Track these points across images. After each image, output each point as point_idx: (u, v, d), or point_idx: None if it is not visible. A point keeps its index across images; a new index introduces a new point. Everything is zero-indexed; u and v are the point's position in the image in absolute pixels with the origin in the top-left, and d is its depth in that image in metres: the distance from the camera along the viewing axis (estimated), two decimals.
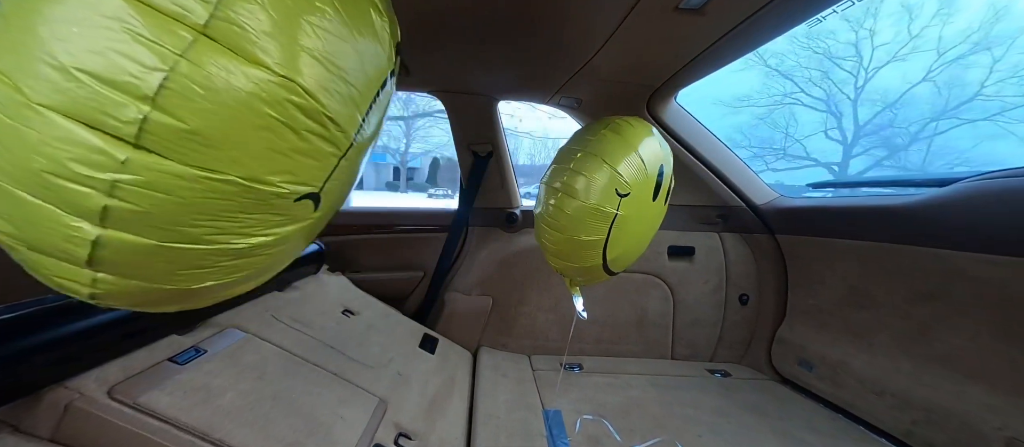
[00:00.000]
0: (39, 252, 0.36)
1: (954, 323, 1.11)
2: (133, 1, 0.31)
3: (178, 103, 0.33)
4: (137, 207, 0.35)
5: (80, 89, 0.31)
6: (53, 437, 0.60)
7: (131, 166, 0.33)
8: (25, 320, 0.62)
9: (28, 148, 0.31)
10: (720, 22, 0.97)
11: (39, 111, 0.31)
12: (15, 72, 0.30)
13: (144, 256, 0.38)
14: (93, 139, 0.32)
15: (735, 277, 1.76)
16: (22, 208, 0.33)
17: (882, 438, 1.22)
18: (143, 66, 0.32)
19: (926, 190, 1.16)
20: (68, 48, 0.30)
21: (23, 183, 0.32)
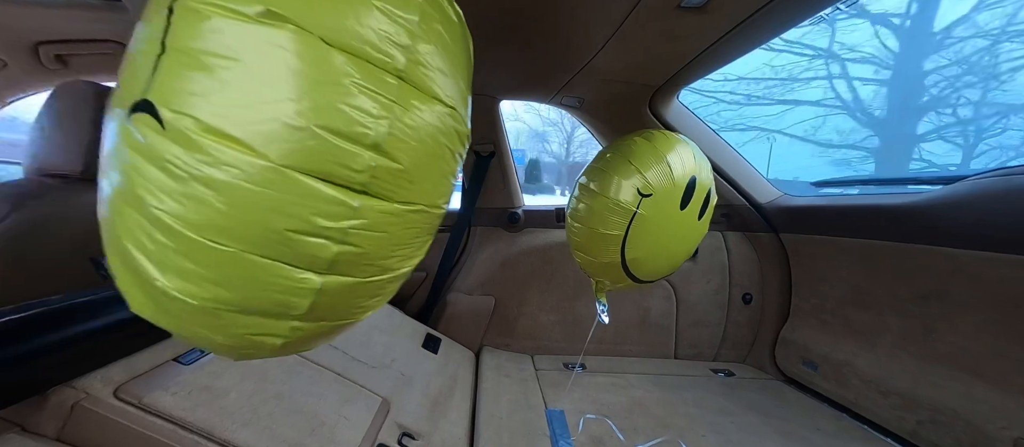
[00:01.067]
0: (248, 313, 0.36)
1: (960, 322, 1.10)
2: (350, 55, 0.33)
3: (396, 146, 0.36)
4: (359, 249, 0.37)
5: (320, 145, 0.32)
6: (59, 436, 0.60)
7: (361, 211, 0.35)
8: (31, 321, 0.62)
9: (272, 210, 0.32)
10: (722, 19, 0.97)
11: (283, 172, 0.32)
12: (255, 139, 0.31)
13: (346, 296, 0.40)
14: (330, 191, 0.34)
15: (738, 276, 1.76)
16: (249, 271, 0.34)
17: (887, 438, 1.21)
18: (371, 116, 0.34)
19: (930, 188, 1.15)
20: (303, 107, 0.31)
21: (259, 245, 0.33)
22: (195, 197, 0.31)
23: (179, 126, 0.31)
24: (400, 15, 0.35)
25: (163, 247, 0.33)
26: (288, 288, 0.36)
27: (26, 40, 1.33)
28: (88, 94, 0.99)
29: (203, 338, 0.39)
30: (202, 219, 0.32)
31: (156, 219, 0.32)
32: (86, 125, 0.99)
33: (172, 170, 0.31)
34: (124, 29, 1.27)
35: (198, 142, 0.31)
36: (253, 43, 0.31)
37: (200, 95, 0.31)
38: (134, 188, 0.33)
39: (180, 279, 0.34)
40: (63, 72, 1.47)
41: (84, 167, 0.99)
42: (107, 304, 0.73)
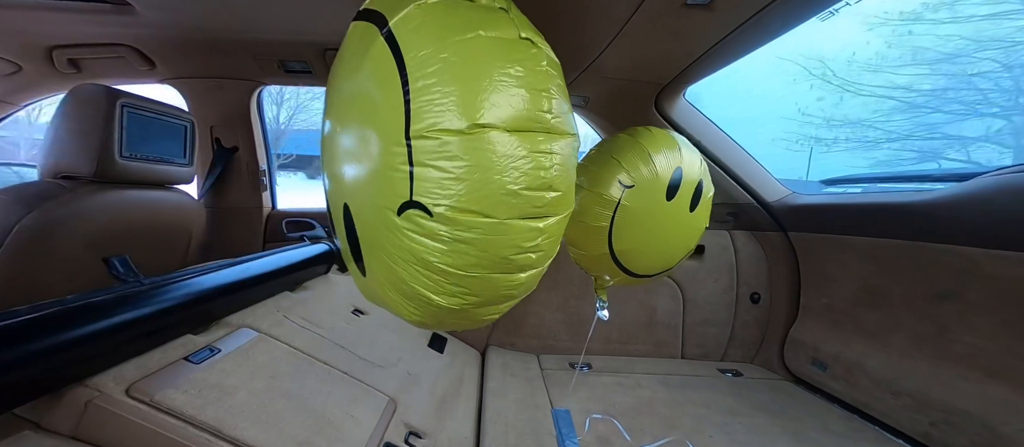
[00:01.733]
0: (484, 305, 0.56)
1: (973, 322, 1.08)
2: (520, 133, 0.48)
3: (558, 181, 0.51)
4: (542, 252, 0.54)
5: (522, 200, 0.49)
6: (74, 434, 0.61)
7: (545, 230, 0.52)
8: (46, 320, 0.63)
9: (501, 246, 0.50)
10: (728, 17, 0.96)
11: (505, 223, 0.49)
12: (486, 208, 0.48)
13: (533, 281, 0.59)
14: (529, 224, 0.50)
15: (746, 275, 1.74)
16: (489, 284, 0.53)
17: (899, 439, 1.19)
18: (545, 168, 0.49)
19: (943, 186, 1.13)
20: (508, 179, 0.48)
21: (493, 268, 0.52)
22: (458, 251, 0.50)
23: (441, 212, 0.48)
24: (539, 89, 0.50)
25: (439, 282, 0.53)
26: (508, 286, 0.55)
27: (40, 45, 1.35)
28: (100, 97, 1.01)
29: (452, 323, 0.60)
30: (463, 262, 0.50)
31: (435, 267, 0.51)
32: (99, 128, 1.00)
33: (441, 237, 0.49)
34: (135, 33, 1.29)
35: (454, 219, 0.48)
36: (469, 147, 0.47)
37: (447, 191, 0.47)
38: (417, 253, 0.51)
39: (451, 297, 0.54)
40: (76, 76, 1.50)
41: (97, 169, 1.01)
42: (120, 303, 0.74)
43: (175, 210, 1.27)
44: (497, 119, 0.47)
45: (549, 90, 0.51)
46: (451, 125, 0.46)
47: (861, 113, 8.18)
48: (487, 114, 0.46)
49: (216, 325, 0.96)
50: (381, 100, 0.52)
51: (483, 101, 0.46)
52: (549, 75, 0.52)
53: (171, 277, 0.90)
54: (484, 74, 0.47)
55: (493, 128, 0.46)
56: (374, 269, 0.61)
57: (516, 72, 0.49)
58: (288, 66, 1.51)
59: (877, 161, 8.02)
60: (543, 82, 0.51)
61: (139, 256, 0.95)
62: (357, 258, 0.66)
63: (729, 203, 1.72)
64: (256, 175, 1.79)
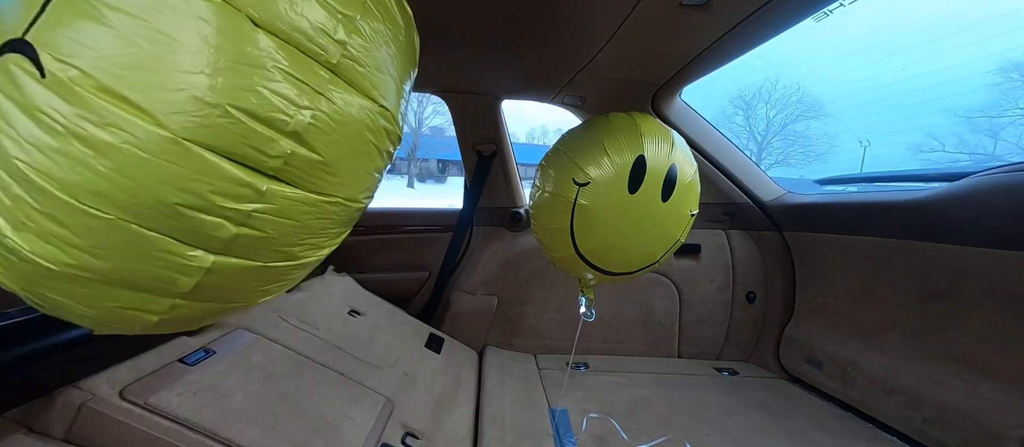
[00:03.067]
0: (123, 286, 0.34)
1: (966, 320, 1.09)
2: (280, 40, 0.32)
3: (317, 137, 0.35)
4: (262, 233, 0.36)
5: (232, 125, 0.31)
6: (66, 437, 0.61)
7: (268, 196, 0.35)
8: (38, 322, 0.63)
9: (165, 181, 0.30)
10: (724, 17, 0.96)
11: (185, 145, 0.30)
12: (155, 107, 0.29)
13: (242, 278, 0.40)
14: (238, 172, 0.32)
15: (742, 275, 1.75)
16: (131, 242, 0.32)
17: (893, 437, 1.20)
18: (294, 104, 0.33)
19: (936, 185, 1.14)
20: (219, 84, 0.30)
21: (145, 217, 0.31)
22: (72, 155, 0.28)
23: (63, 77, 0.28)
24: (339, 9, 0.35)
25: (22, 203, 0.29)
26: (173, 265, 0.34)
27: None
28: None
29: (60, 306, 0.36)
30: (78, 180, 0.29)
31: (17, 172, 0.29)
32: None
33: (47, 122, 0.28)
34: None
35: (84, 98, 0.28)
36: (170, 6, 0.28)
37: (94, 49, 0.28)
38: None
39: (41, 241, 0.31)
40: None
41: None
42: None
43: None
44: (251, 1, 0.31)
45: (355, 21, 0.36)
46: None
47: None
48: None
49: (211, 327, 0.96)
50: None
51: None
52: (368, 8, 0.38)
53: None
54: None
55: (230, 6, 0.30)
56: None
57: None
58: None
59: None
60: (351, 7, 0.36)
61: None
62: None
63: (725, 203, 1.73)
64: None
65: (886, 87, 15.94)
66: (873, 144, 14.69)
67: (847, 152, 15.13)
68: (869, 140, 14.77)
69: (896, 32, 16.62)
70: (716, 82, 8.60)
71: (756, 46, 1.12)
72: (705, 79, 1.38)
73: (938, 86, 14.76)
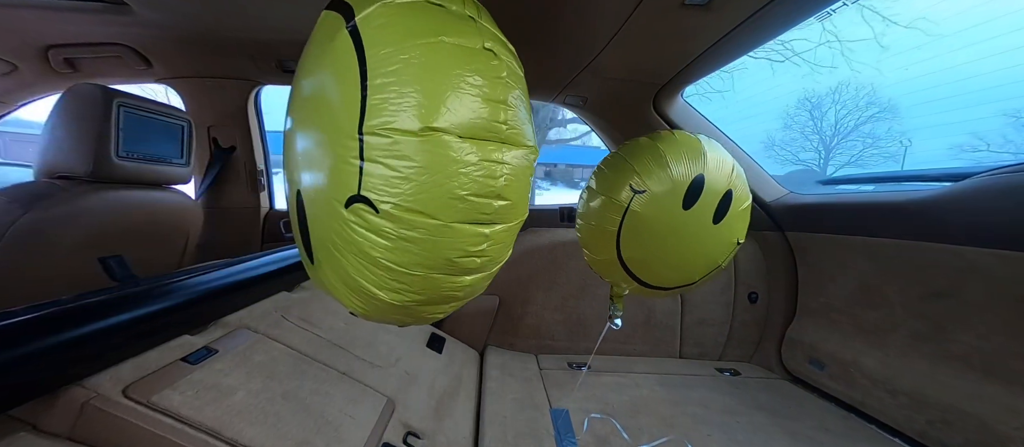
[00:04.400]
0: (427, 304, 0.58)
1: (970, 321, 1.09)
2: (473, 141, 0.49)
3: (508, 190, 0.53)
4: (489, 257, 0.56)
5: (469, 205, 0.50)
6: (70, 435, 0.61)
7: (490, 237, 0.54)
8: (42, 321, 0.63)
9: (445, 248, 0.51)
10: (726, 17, 0.96)
11: (450, 226, 0.50)
12: (432, 209, 0.49)
13: (479, 286, 0.60)
14: (475, 229, 0.52)
15: (744, 275, 1.74)
16: (431, 283, 0.54)
17: (896, 438, 1.20)
18: (495, 177, 0.51)
19: (940, 185, 1.14)
20: (457, 184, 0.49)
21: (436, 268, 0.53)
22: (401, 249, 0.51)
23: (386, 209, 0.49)
24: (497, 99, 0.51)
25: (381, 277, 0.54)
26: (452, 287, 0.56)
27: (36, 44, 1.34)
28: (97, 97, 1.01)
29: (396, 318, 0.61)
30: (404, 259, 0.51)
31: (377, 263, 0.52)
32: (95, 127, 1.00)
33: (385, 234, 0.50)
34: (131, 32, 1.29)
35: (399, 217, 0.49)
36: (421, 149, 0.47)
37: (395, 189, 0.48)
38: (361, 247, 0.52)
39: (392, 292, 0.55)
40: (72, 75, 1.49)
41: (93, 169, 1.00)
42: (116, 304, 0.74)
43: (172, 210, 1.26)
44: (450, 124, 0.48)
45: (507, 101, 0.52)
46: (404, 125, 0.47)
47: None
48: (441, 118, 0.47)
49: (214, 325, 0.96)
50: (340, 93, 0.53)
51: (439, 105, 0.47)
52: (508, 86, 0.53)
53: (168, 277, 0.90)
54: (443, 79, 0.48)
55: (445, 133, 0.47)
56: (321, 259, 0.62)
57: (475, 81, 0.50)
58: (286, 65, 1.50)
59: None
60: (501, 93, 0.52)
61: (136, 256, 0.95)
62: (307, 246, 0.67)
63: None
64: (254, 175, 1.78)
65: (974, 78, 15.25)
66: (920, 142, 14.47)
67: (921, 151, 14.90)
68: (910, 139, 14.68)
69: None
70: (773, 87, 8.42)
71: (758, 45, 1.12)
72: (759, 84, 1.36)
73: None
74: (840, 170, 15.13)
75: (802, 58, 8.10)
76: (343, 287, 0.60)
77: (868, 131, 15.10)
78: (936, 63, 14.03)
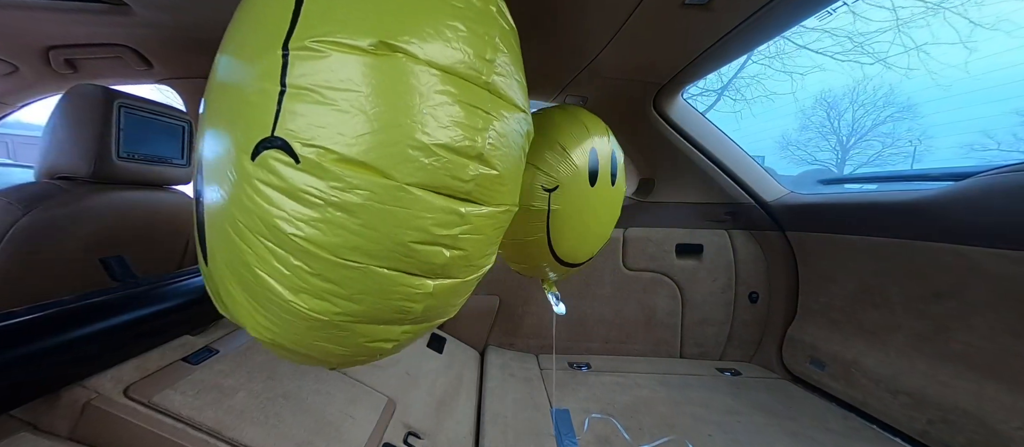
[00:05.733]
0: (371, 322, 0.40)
1: (971, 321, 1.08)
2: (450, 74, 0.35)
3: (493, 154, 0.38)
4: (464, 252, 0.40)
5: (437, 162, 0.35)
6: (71, 435, 0.61)
7: (467, 218, 0.38)
8: (43, 321, 0.63)
9: (398, 224, 0.35)
10: (727, 17, 0.96)
11: (408, 190, 0.35)
12: (383, 162, 0.34)
13: (449, 296, 0.43)
14: (444, 202, 0.37)
15: (745, 275, 1.74)
16: (378, 283, 0.37)
17: (896, 438, 1.20)
18: (474, 128, 0.36)
19: (941, 185, 1.14)
20: (420, 128, 0.34)
21: (387, 258, 0.36)
22: (332, 221, 0.34)
23: (312, 158, 0.33)
24: (481, 31, 0.38)
25: (298, 270, 0.35)
26: (406, 295, 0.38)
27: (36, 45, 1.35)
28: (97, 98, 1.01)
29: (321, 351, 0.42)
30: (338, 241, 0.34)
31: (293, 245, 0.35)
32: (96, 128, 1.00)
33: (308, 199, 0.34)
34: (132, 33, 1.29)
35: (332, 171, 0.33)
36: (371, 74, 0.33)
37: (328, 128, 0.33)
38: (269, 219, 0.35)
39: (314, 298, 0.36)
40: (73, 76, 1.50)
41: (94, 170, 1.00)
42: (117, 304, 0.74)
43: (173, 211, 1.27)
44: (417, 48, 0.34)
45: (494, 39, 0.39)
46: (349, 40, 0.33)
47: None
48: (405, 35, 0.34)
49: (214, 326, 0.96)
50: (264, 7, 0.38)
51: (401, 20, 0.34)
52: (497, 23, 0.40)
53: (169, 277, 0.90)
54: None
55: (408, 55, 0.34)
56: (215, 249, 0.42)
57: (457, 2, 0.37)
58: None
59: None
60: (488, 27, 0.39)
61: (137, 257, 0.95)
62: (202, 238, 0.47)
63: (727, 203, 1.73)
64: None
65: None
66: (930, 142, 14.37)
67: (942, 150, 14.80)
68: (920, 139, 14.57)
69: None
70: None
71: (759, 45, 1.11)
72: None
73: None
74: (858, 170, 15.09)
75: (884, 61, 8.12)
76: (242, 294, 0.40)
77: (889, 130, 15.03)
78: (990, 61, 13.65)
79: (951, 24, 8.10)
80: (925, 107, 14.69)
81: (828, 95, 15.39)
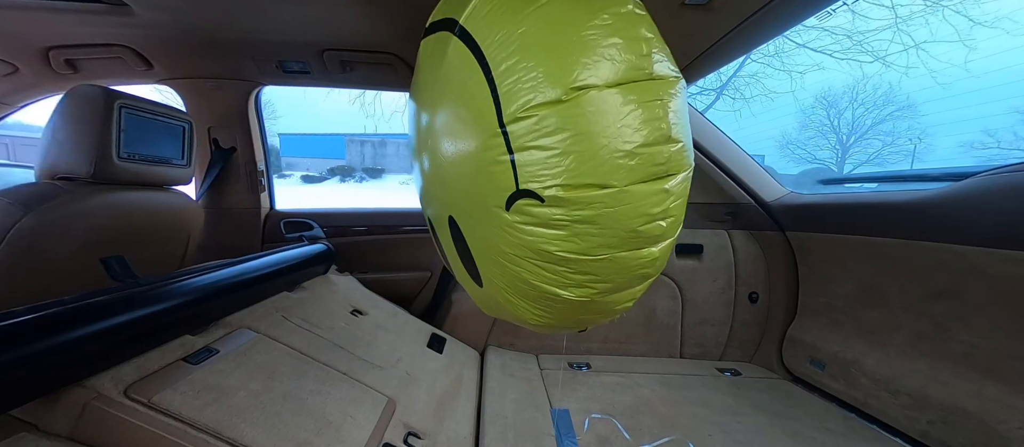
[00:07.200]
0: (618, 291, 0.51)
1: (971, 321, 1.08)
2: (623, 86, 0.42)
3: (675, 130, 0.45)
4: (673, 218, 0.49)
5: (639, 159, 0.44)
6: (71, 435, 0.61)
7: (671, 192, 0.47)
8: (44, 321, 0.63)
9: (626, 218, 0.45)
10: (726, 17, 0.96)
11: (625, 190, 0.44)
12: (602, 177, 0.43)
13: (668, 254, 0.53)
14: (652, 187, 0.45)
15: (744, 275, 1.74)
16: (618, 265, 0.48)
17: (896, 438, 1.20)
18: (657, 118, 0.44)
19: (940, 185, 1.14)
20: (620, 140, 0.43)
21: (621, 245, 0.46)
22: (579, 233, 0.45)
23: (553, 194, 0.44)
24: (632, 34, 0.45)
25: (563, 274, 0.47)
26: (642, 264, 0.49)
27: (37, 46, 1.35)
28: (98, 98, 1.01)
29: (584, 321, 0.55)
30: (587, 245, 0.46)
31: (556, 258, 0.47)
32: (96, 129, 1.00)
33: (558, 223, 0.45)
34: (132, 33, 1.29)
35: (568, 198, 0.44)
36: (570, 116, 0.42)
37: (555, 169, 0.43)
38: (535, 246, 0.47)
39: (579, 288, 0.49)
40: (73, 77, 1.50)
41: (95, 170, 1.01)
42: (118, 304, 0.74)
43: (173, 211, 1.27)
44: (594, 78, 0.42)
45: (642, 33, 0.46)
46: (544, 98, 0.42)
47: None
48: (581, 75, 0.42)
49: (214, 326, 0.96)
50: (468, 97, 0.48)
51: (573, 63, 0.42)
52: (638, 17, 0.47)
53: (169, 278, 0.90)
54: (568, 35, 0.43)
55: (591, 88, 0.42)
56: (491, 276, 0.56)
57: (602, 22, 0.44)
58: (286, 66, 1.51)
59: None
60: (633, 26, 0.45)
61: (137, 257, 0.95)
62: (471, 271, 0.61)
63: (727, 203, 1.73)
64: (254, 175, 1.78)
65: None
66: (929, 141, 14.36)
67: (942, 148, 14.85)
68: (920, 137, 14.59)
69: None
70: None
71: (759, 45, 1.11)
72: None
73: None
74: (857, 169, 15.05)
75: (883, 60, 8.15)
76: (521, 301, 0.54)
77: (889, 129, 15.03)
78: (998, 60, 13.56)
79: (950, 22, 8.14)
80: (925, 106, 14.71)
81: (828, 94, 15.40)
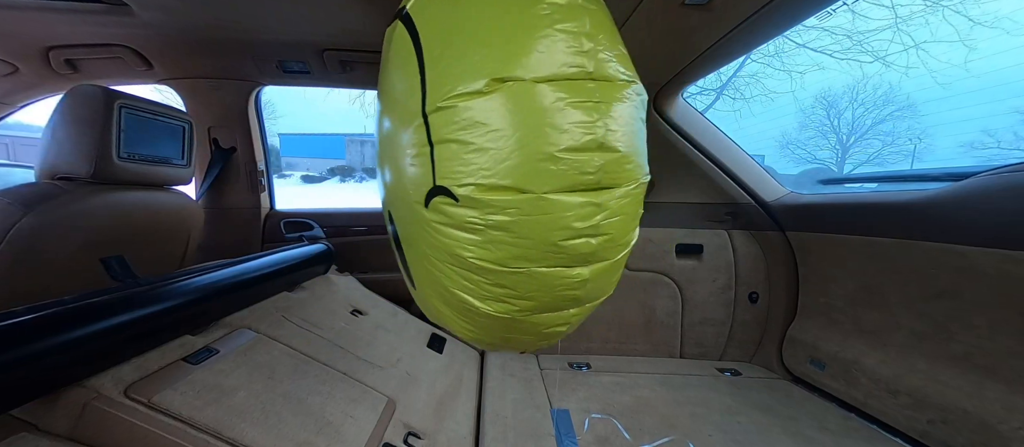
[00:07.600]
0: (545, 311, 0.46)
1: (971, 321, 1.08)
2: (554, 82, 0.38)
3: (613, 137, 0.41)
4: (608, 236, 0.44)
5: (563, 165, 0.39)
6: (71, 435, 0.61)
7: (604, 205, 0.42)
8: (44, 321, 0.63)
9: (545, 228, 0.41)
10: (727, 17, 0.96)
11: (546, 198, 0.40)
12: (520, 180, 0.38)
13: (605, 277, 0.48)
14: (580, 198, 0.40)
15: (744, 275, 1.74)
16: (539, 281, 0.43)
17: (896, 438, 1.20)
18: (590, 121, 0.39)
19: (941, 185, 1.14)
20: (543, 141, 0.38)
21: (541, 259, 0.42)
22: (493, 240, 0.41)
23: (466, 194, 0.40)
24: (573, 28, 0.40)
25: (479, 283, 0.43)
26: (568, 284, 0.44)
27: (37, 46, 1.35)
28: (98, 98, 1.01)
29: (512, 341, 0.50)
30: (502, 254, 0.41)
31: (470, 265, 0.42)
32: (96, 129, 1.00)
33: (472, 226, 0.41)
34: (132, 33, 1.29)
35: (482, 200, 0.39)
36: (491, 109, 0.38)
37: (471, 165, 0.39)
38: (450, 249, 0.43)
39: (496, 302, 0.44)
40: (73, 76, 1.50)
41: (95, 170, 1.01)
42: (118, 304, 0.74)
43: (173, 211, 1.27)
44: (521, 70, 0.38)
45: (586, 27, 0.41)
46: (466, 89, 0.38)
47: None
48: (508, 64, 0.38)
49: (214, 326, 0.96)
50: (402, 86, 0.45)
51: (500, 52, 0.38)
52: (585, 9, 0.42)
53: (169, 278, 0.90)
54: (502, 22, 0.39)
55: (515, 81, 0.38)
56: (420, 278, 0.52)
57: (540, 12, 0.39)
58: (286, 66, 1.51)
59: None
60: (576, 18, 0.40)
61: (138, 257, 0.95)
62: (406, 272, 0.56)
63: (727, 203, 1.73)
64: (254, 175, 1.78)
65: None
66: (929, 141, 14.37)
67: (942, 148, 14.81)
68: (920, 138, 14.58)
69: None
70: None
71: (758, 45, 1.11)
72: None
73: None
74: (857, 169, 15.04)
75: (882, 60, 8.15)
76: (445, 308, 0.49)
77: (889, 129, 15.00)
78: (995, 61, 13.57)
79: (950, 22, 8.16)
80: (925, 106, 14.72)
81: (828, 94, 15.40)
